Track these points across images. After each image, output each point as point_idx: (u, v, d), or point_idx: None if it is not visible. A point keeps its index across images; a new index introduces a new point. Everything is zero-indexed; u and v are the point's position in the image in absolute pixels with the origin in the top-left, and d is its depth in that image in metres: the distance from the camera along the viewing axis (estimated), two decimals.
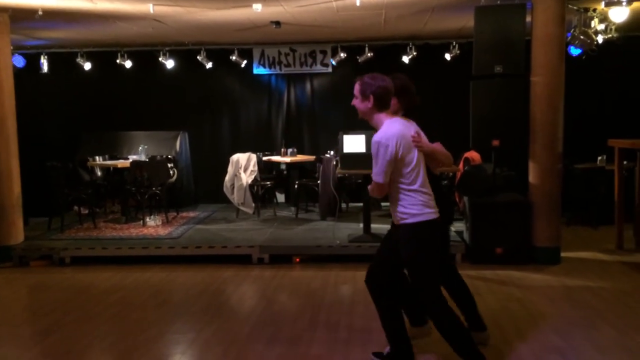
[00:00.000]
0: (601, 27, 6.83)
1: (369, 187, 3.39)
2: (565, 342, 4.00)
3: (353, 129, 7.17)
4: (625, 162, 6.99)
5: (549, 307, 4.77)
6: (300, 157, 8.77)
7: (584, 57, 6.98)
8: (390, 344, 3.62)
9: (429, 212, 3.31)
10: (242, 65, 9.32)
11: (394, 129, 3.26)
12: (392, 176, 3.28)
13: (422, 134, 3.44)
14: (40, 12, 6.24)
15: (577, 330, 4.23)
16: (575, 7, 6.50)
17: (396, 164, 3.25)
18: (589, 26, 6.78)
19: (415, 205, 3.28)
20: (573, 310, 4.70)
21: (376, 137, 3.25)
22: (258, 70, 9.57)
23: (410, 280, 3.47)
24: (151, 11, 6.31)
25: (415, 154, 3.31)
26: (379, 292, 3.60)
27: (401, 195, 3.31)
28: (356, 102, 3.37)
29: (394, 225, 3.51)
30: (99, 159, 8.33)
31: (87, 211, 7.92)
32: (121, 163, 8.05)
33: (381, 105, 3.30)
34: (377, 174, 3.26)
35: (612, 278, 5.52)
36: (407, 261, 3.40)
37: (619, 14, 6.31)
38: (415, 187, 3.29)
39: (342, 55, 9.03)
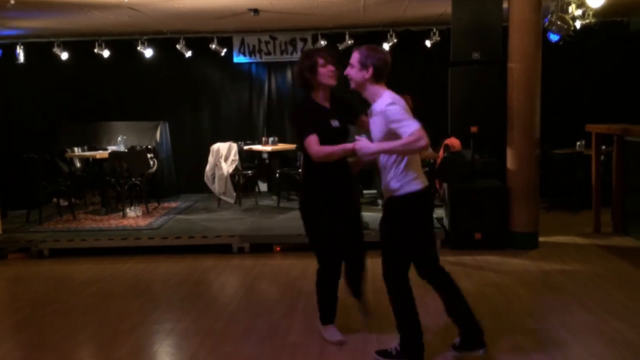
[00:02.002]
0: (578, 12, 6.84)
1: (410, 138, 3.11)
2: (540, 325, 4.05)
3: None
4: (603, 147, 7.07)
5: (525, 291, 4.83)
6: (281, 146, 8.74)
7: (561, 43, 7.01)
8: (400, 341, 3.52)
9: (419, 183, 3.33)
10: (222, 54, 9.25)
11: (396, 96, 3.31)
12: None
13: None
14: (12, 1, 6.13)
15: (552, 313, 4.29)
16: None
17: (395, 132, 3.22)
18: (567, 12, 6.79)
19: (407, 176, 3.30)
20: (548, 293, 4.76)
21: (386, 102, 3.22)
22: (238, 58, 9.50)
23: (381, 250, 3.45)
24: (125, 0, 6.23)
25: None
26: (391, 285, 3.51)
27: (393, 165, 3.31)
28: (352, 72, 3.36)
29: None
30: (77, 150, 8.23)
31: (66, 203, 7.85)
32: (100, 154, 7.98)
33: (378, 76, 3.33)
34: (410, 124, 3.13)
35: (588, 261, 5.60)
36: (384, 232, 3.41)
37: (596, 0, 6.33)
38: (408, 157, 3.30)
39: (323, 42, 9.00)
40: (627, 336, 3.82)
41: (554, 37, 7.00)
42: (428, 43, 8.91)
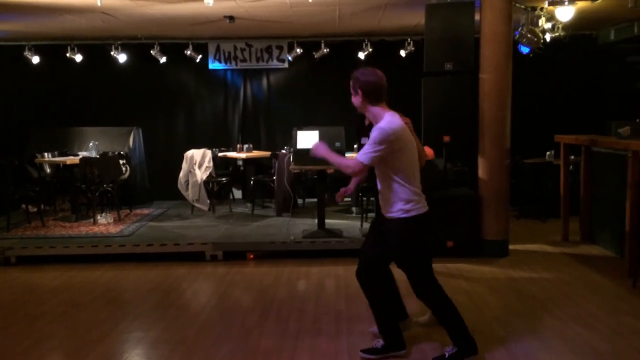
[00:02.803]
0: (548, 25, 7.01)
1: (346, 162, 3.45)
2: (508, 332, 4.11)
3: (308, 125, 7.20)
4: (572, 157, 7.23)
5: (494, 299, 4.89)
6: (256, 153, 8.73)
7: (531, 55, 7.16)
8: (383, 336, 3.72)
9: (420, 207, 3.44)
10: (197, 60, 9.22)
11: (398, 122, 3.37)
12: (388, 168, 3.37)
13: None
14: None
15: (520, 320, 4.36)
16: (522, 6, 6.65)
17: (394, 156, 3.33)
18: (537, 25, 6.94)
19: (406, 201, 3.40)
20: (517, 301, 4.84)
21: (381, 124, 3.32)
22: (214, 65, 9.48)
23: (405, 272, 3.57)
24: (99, 4, 6.16)
25: (414, 150, 3.44)
26: (370, 284, 3.71)
27: (395, 189, 3.40)
28: (352, 98, 3.49)
29: (381, 217, 3.62)
30: (47, 156, 8.10)
31: (35, 209, 7.70)
32: (70, 159, 7.85)
33: (371, 98, 3.41)
34: (366, 154, 3.31)
35: (556, 269, 5.70)
36: (397, 254, 3.52)
37: (565, 13, 6.49)
38: (408, 181, 3.40)
39: (299, 50, 9.03)
40: (593, 343, 3.90)
41: (524, 50, 7.16)
42: (403, 53, 9.01)
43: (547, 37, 7.14)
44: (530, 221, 7.99)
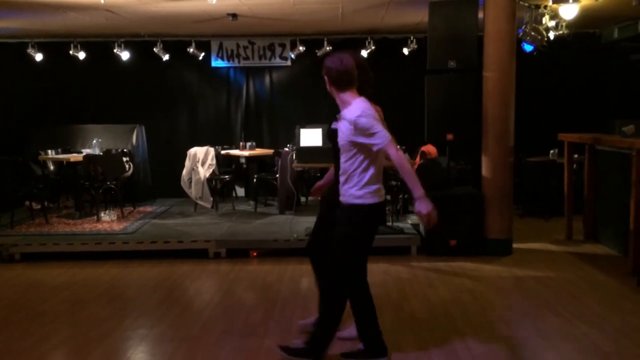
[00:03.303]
0: (552, 23, 7.01)
1: (398, 157, 3.20)
2: (513, 332, 4.11)
3: (312, 123, 7.21)
4: (575, 156, 7.21)
5: (498, 298, 4.89)
6: (259, 151, 8.74)
7: (535, 53, 7.15)
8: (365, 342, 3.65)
9: (377, 197, 3.37)
10: (200, 58, 9.21)
11: (366, 104, 3.32)
12: (361, 152, 3.29)
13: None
14: None
15: (524, 319, 4.35)
16: (526, 4, 6.64)
17: (364, 142, 3.25)
18: (540, 23, 6.93)
19: (368, 187, 3.33)
20: (521, 300, 4.83)
21: (356, 112, 3.23)
22: (216, 62, 9.47)
23: (333, 257, 3.46)
24: (102, 1, 6.16)
25: None
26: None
27: (358, 174, 3.33)
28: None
29: (330, 202, 3.59)
30: (51, 153, 8.11)
31: (39, 206, 7.71)
32: (74, 157, 7.86)
33: (339, 85, 3.36)
34: (383, 135, 3.19)
35: (560, 268, 5.69)
36: (340, 239, 3.43)
37: (569, 11, 6.48)
38: (374, 168, 3.34)
39: (301, 48, 9.02)
40: (597, 342, 3.90)
41: (528, 47, 7.14)
42: (405, 51, 9.00)
43: (551, 35, 7.13)
44: (533, 220, 7.98)
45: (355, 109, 3.29)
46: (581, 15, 6.76)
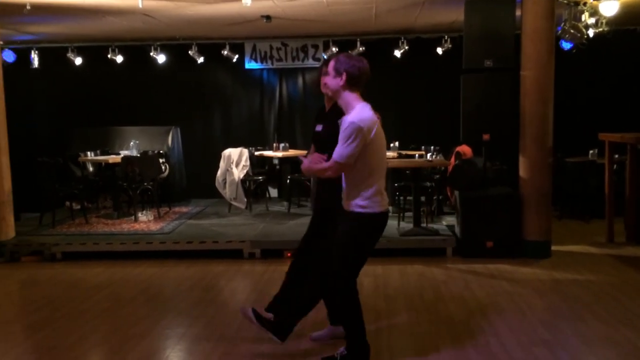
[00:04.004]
0: (592, 20, 6.83)
1: (320, 165, 3.32)
2: (553, 335, 4.02)
3: None
4: (616, 156, 7.03)
5: (537, 301, 4.79)
6: (292, 152, 8.76)
7: (574, 51, 6.99)
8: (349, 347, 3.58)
9: (377, 206, 3.32)
10: (234, 60, 9.31)
11: (367, 113, 3.26)
12: (356, 161, 3.24)
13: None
14: (28, 7, 6.20)
15: (565, 323, 4.26)
16: (565, 1, 6.50)
17: (365, 150, 3.21)
18: (580, 20, 6.78)
19: (368, 197, 3.29)
20: (561, 303, 4.72)
21: (350, 118, 3.21)
22: (250, 64, 9.55)
23: (333, 261, 3.44)
24: (140, 6, 6.28)
25: (383, 144, 3.35)
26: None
27: (360, 184, 3.29)
28: (327, 79, 3.36)
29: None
30: (90, 155, 8.30)
31: (78, 206, 7.91)
32: (112, 158, 8.03)
33: (352, 84, 3.29)
34: (346, 156, 3.18)
35: (601, 271, 5.55)
36: (341, 242, 3.40)
37: (609, 8, 6.32)
38: (375, 177, 3.31)
39: (334, 49, 9.02)
40: None
41: (566, 45, 7.00)
42: (439, 50, 8.91)
43: (591, 32, 6.96)
44: (572, 221, 7.80)
45: (355, 114, 3.23)
46: (622, 12, 6.59)
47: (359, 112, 3.25)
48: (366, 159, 3.25)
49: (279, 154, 8.60)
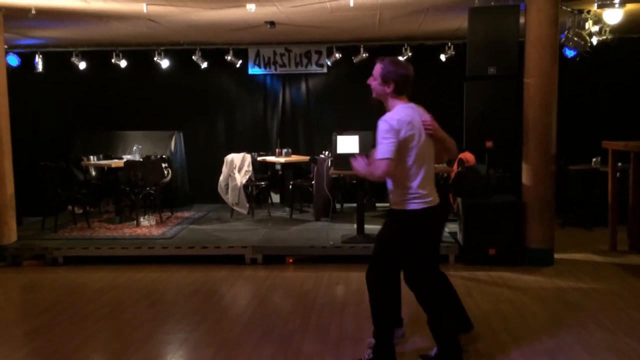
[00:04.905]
0: (595, 28, 6.84)
1: (366, 167, 3.31)
2: (556, 344, 4.00)
3: (347, 130, 7.19)
4: (619, 164, 7.01)
5: (540, 309, 4.77)
6: (295, 158, 8.77)
7: (578, 59, 6.99)
8: (439, 344, 3.57)
9: (423, 202, 3.34)
10: (238, 65, 9.31)
11: (404, 113, 3.32)
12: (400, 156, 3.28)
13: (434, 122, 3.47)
14: (33, 11, 6.23)
15: (568, 331, 4.24)
16: (569, 9, 6.51)
17: (401, 150, 3.26)
18: (583, 28, 6.78)
19: (412, 194, 3.33)
20: (564, 311, 4.70)
21: (384, 117, 3.29)
22: (253, 70, 9.57)
23: (373, 255, 3.52)
24: (145, 11, 6.30)
25: (422, 143, 3.33)
26: (422, 290, 3.60)
27: (399, 182, 3.34)
28: (374, 83, 3.42)
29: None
30: (93, 159, 8.31)
31: (81, 211, 7.91)
32: (115, 163, 8.04)
33: (399, 91, 3.37)
34: (386, 151, 3.21)
35: (604, 279, 5.53)
36: (382, 238, 3.47)
37: (613, 16, 6.33)
38: (414, 175, 3.31)
39: (338, 55, 9.04)
40: None
41: (570, 53, 7.00)
42: (443, 57, 8.92)
43: (594, 40, 6.97)
44: (575, 229, 7.78)
45: (388, 114, 3.32)
46: (625, 20, 6.60)
47: (394, 112, 3.33)
48: (403, 157, 3.28)
49: (282, 159, 8.61)
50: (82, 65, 9.26)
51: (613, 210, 6.74)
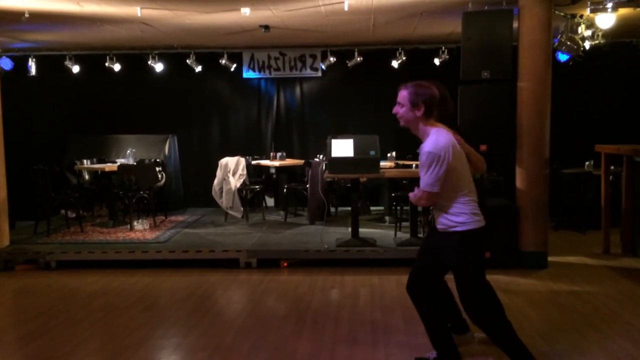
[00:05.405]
0: (588, 33, 6.89)
1: (415, 195, 3.34)
2: (550, 347, 4.01)
3: (342, 133, 7.21)
4: (612, 167, 7.05)
5: (534, 312, 4.78)
6: (289, 161, 8.77)
7: (571, 63, 7.03)
8: (436, 350, 3.59)
9: (477, 220, 3.32)
10: (232, 69, 9.31)
11: (444, 138, 3.27)
12: (444, 186, 3.26)
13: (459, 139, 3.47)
14: (26, 15, 6.20)
15: (562, 334, 4.24)
16: (562, 14, 6.55)
17: (448, 173, 3.23)
18: (576, 32, 6.83)
19: (463, 214, 3.29)
20: (558, 314, 4.72)
21: (427, 147, 3.24)
22: (248, 74, 9.57)
23: (457, 287, 3.46)
24: (139, 14, 6.29)
25: (464, 162, 3.35)
26: (420, 298, 3.61)
27: (449, 204, 3.31)
28: (401, 110, 3.37)
29: (434, 231, 3.53)
30: (86, 163, 8.28)
31: (74, 215, 7.87)
32: (109, 166, 8.01)
33: (429, 113, 3.32)
34: (431, 184, 3.22)
35: (598, 282, 5.55)
36: (453, 268, 3.43)
37: (606, 20, 6.36)
38: (464, 195, 3.30)
39: (332, 59, 9.05)
40: (638, 359, 3.77)
41: (563, 57, 7.04)
42: (437, 61, 8.95)
43: (587, 44, 7.01)
44: (569, 233, 7.81)
45: (430, 142, 3.27)
46: (618, 25, 6.62)
47: (434, 139, 3.26)
48: (451, 180, 3.26)
49: (276, 163, 8.60)
50: (76, 68, 9.23)
51: (606, 213, 6.78)
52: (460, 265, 3.41)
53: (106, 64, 9.16)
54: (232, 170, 8.21)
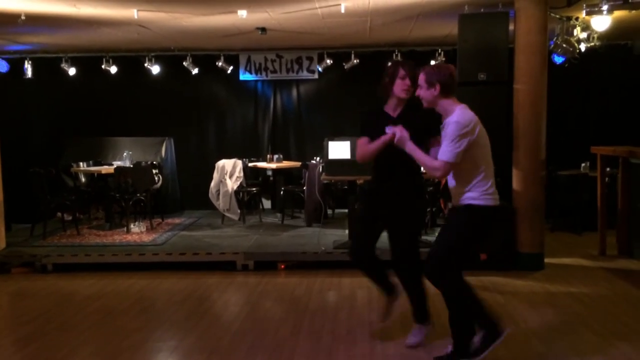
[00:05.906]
0: (583, 35, 6.92)
1: (432, 163, 3.43)
2: (547, 348, 4.02)
3: (339, 135, 7.22)
4: (608, 169, 7.06)
5: (531, 313, 4.79)
6: (286, 164, 8.77)
7: (566, 65, 7.06)
8: (454, 339, 3.64)
9: (489, 198, 3.45)
10: (229, 71, 9.30)
11: (470, 114, 3.43)
12: (464, 161, 3.37)
13: None
14: (23, 17, 6.19)
15: (559, 336, 4.26)
16: (557, 16, 6.58)
17: (471, 149, 3.35)
18: (572, 34, 6.86)
19: (477, 190, 3.43)
20: (555, 316, 4.73)
21: (454, 118, 3.37)
22: (244, 76, 9.57)
23: (438, 251, 3.53)
24: (135, 17, 6.29)
25: (487, 141, 3.49)
26: (441, 280, 3.61)
27: (467, 179, 3.43)
28: (421, 92, 3.52)
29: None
30: (82, 165, 8.26)
31: (70, 217, 7.85)
32: (105, 169, 7.99)
33: (447, 91, 3.44)
34: (451, 152, 3.33)
35: (594, 284, 5.56)
36: (445, 227, 3.59)
37: (601, 23, 6.38)
38: (482, 172, 3.43)
39: (329, 61, 9.06)
40: None
41: (559, 60, 7.07)
42: (433, 63, 8.96)
43: (582, 47, 7.04)
44: (565, 234, 7.83)
45: (457, 114, 3.39)
46: (613, 27, 6.65)
47: (460, 113, 3.41)
48: (473, 157, 3.39)
49: (273, 165, 8.60)
50: (72, 71, 9.22)
51: (602, 215, 6.80)
52: (452, 227, 3.53)
53: (102, 67, 9.15)
54: (229, 173, 8.21)
